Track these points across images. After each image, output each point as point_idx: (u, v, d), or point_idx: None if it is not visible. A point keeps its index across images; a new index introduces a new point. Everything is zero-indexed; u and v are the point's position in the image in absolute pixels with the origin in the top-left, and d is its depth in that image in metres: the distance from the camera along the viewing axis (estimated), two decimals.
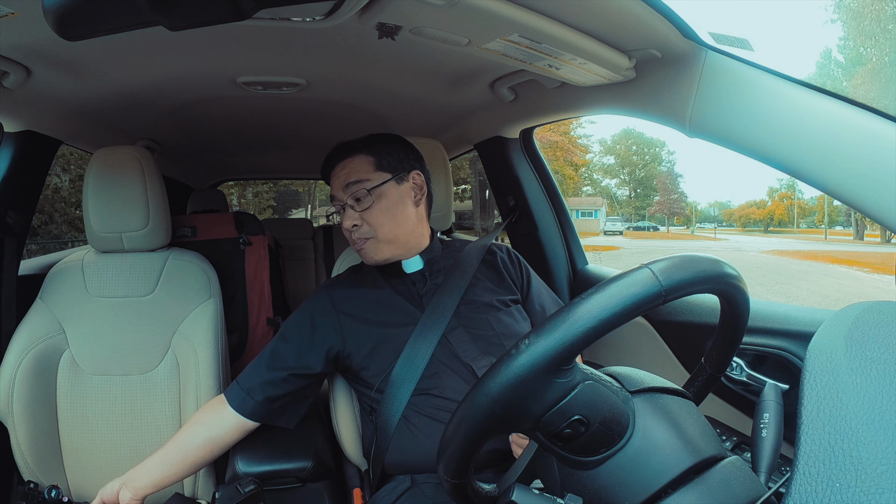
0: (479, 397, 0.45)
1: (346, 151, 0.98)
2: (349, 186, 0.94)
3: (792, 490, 0.36)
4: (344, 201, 0.95)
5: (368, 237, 0.95)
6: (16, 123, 1.14)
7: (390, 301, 0.97)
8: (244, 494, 0.82)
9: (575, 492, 0.48)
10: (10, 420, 1.06)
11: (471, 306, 0.96)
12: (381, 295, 0.98)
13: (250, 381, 0.93)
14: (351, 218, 0.94)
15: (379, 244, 0.95)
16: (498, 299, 0.99)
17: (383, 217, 0.94)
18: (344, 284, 1.02)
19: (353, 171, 0.95)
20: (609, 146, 43.40)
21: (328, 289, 1.01)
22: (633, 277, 0.44)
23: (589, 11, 0.70)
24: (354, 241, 0.97)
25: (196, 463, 0.91)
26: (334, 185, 0.98)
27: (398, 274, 1.00)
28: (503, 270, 1.05)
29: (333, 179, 0.98)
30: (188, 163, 2.21)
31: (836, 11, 23.29)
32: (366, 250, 0.96)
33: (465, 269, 0.99)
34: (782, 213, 39.34)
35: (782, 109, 0.68)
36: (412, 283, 0.99)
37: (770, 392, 0.55)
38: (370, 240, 0.95)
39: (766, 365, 0.85)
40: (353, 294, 0.99)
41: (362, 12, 0.72)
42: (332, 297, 0.99)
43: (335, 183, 0.98)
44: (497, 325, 0.95)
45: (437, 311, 0.93)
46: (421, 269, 1.00)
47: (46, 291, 1.17)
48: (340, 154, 0.98)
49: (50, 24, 0.45)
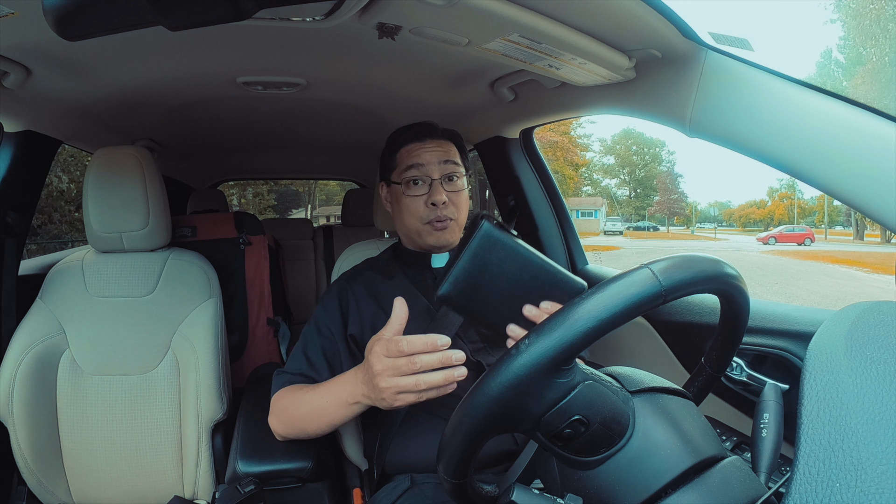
0: (479, 397, 0.45)
1: (441, 133, 0.98)
2: (447, 164, 0.95)
3: (792, 490, 0.36)
4: (433, 176, 0.94)
5: (453, 218, 0.95)
6: (16, 123, 1.14)
7: (408, 294, 0.97)
8: (244, 494, 0.82)
9: (575, 492, 0.48)
10: (10, 420, 1.06)
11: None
12: (399, 287, 0.98)
13: (298, 360, 0.92)
14: (443, 194, 0.93)
15: (457, 229, 0.97)
16: None
17: (464, 205, 0.97)
18: (362, 277, 1.01)
19: (450, 153, 0.96)
20: (609, 146, 43.43)
21: (347, 280, 1.01)
22: (633, 277, 0.44)
23: (589, 11, 0.70)
24: (435, 220, 0.94)
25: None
26: (427, 156, 0.95)
27: (421, 268, 1.00)
28: None
29: (424, 151, 0.95)
30: (188, 163, 2.21)
31: (836, 11, 23.31)
32: (448, 230, 0.95)
33: None
34: (782, 213, 39.33)
35: (782, 109, 0.68)
36: (433, 277, 1.00)
37: (770, 392, 0.54)
38: (453, 221, 0.95)
39: (766, 365, 0.84)
40: (370, 287, 0.99)
41: (362, 12, 0.72)
42: (348, 285, 0.99)
43: (429, 154, 0.95)
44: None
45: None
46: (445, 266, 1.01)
47: (46, 291, 1.17)
48: (437, 132, 0.98)
49: (50, 24, 0.45)
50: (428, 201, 0.94)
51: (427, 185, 0.94)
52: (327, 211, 22.04)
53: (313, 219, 17.89)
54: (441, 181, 0.94)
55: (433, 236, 0.95)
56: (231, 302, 1.52)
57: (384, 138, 1.03)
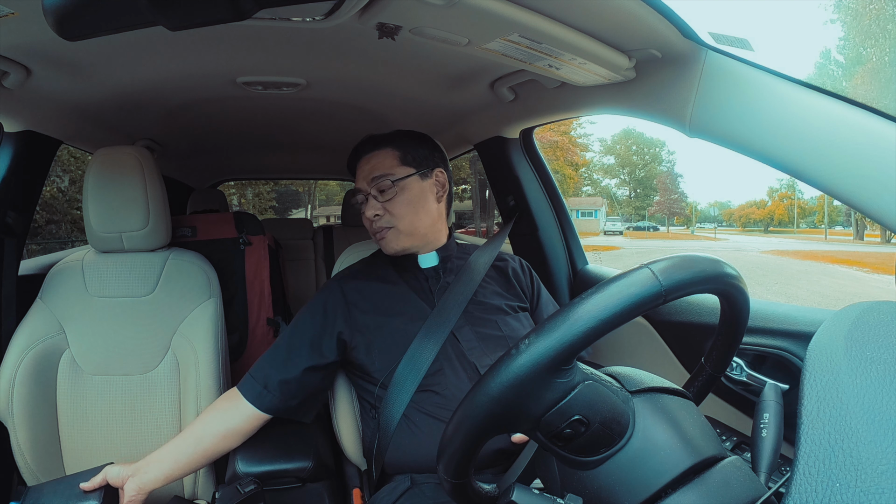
0: (478, 397, 0.45)
1: (373, 144, 1.00)
2: (374, 180, 0.97)
3: (792, 490, 0.36)
4: (367, 192, 0.98)
5: (389, 227, 0.97)
6: (16, 123, 1.14)
7: (401, 295, 0.98)
8: (244, 494, 0.82)
9: (575, 492, 0.48)
10: (10, 420, 1.06)
11: (479, 307, 0.98)
12: (392, 288, 0.99)
13: (266, 374, 0.93)
14: (373, 208, 0.97)
15: (399, 234, 0.97)
16: (507, 304, 1.01)
17: (405, 209, 0.97)
18: (356, 276, 1.02)
19: (378, 166, 0.98)
20: (609, 146, 43.44)
21: (340, 280, 1.02)
22: (632, 277, 0.44)
23: (589, 11, 0.70)
24: (375, 232, 0.99)
25: (210, 454, 0.91)
26: (359, 176, 1.00)
27: (412, 268, 1.01)
28: (513, 279, 1.07)
29: (359, 170, 1.01)
30: (188, 163, 2.21)
31: (836, 11, 23.32)
32: (387, 240, 0.98)
33: (476, 271, 1.00)
34: (782, 213, 39.33)
35: (782, 109, 0.68)
36: (425, 278, 1.01)
37: (770, 392, 0.55)
38: (391, 229, 0.97)
39: (766, 365, 0.85)
40: (364, 286, 1.00)
41: (362, 12, 0.72)
42: (343, 288, 0.99)
43: (360, 174, 1.00)
44: (504, 328, 0.97)
45: (446, 308, 0.94)
46: (435, 266, 1.01)
47: (46, 291, 1.17)
48: (368, 146, 1.00)
49: (50, 24, 0.45)
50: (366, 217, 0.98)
51: (364, 201, 0.99)
52: (327, 211, 22.05)
53: (313, 219, 17.89)
54: (373, 196, 0.97)
55: (380, 245, 1.00)
56: (231, 302, 1.52)
57: None
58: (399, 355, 0.91)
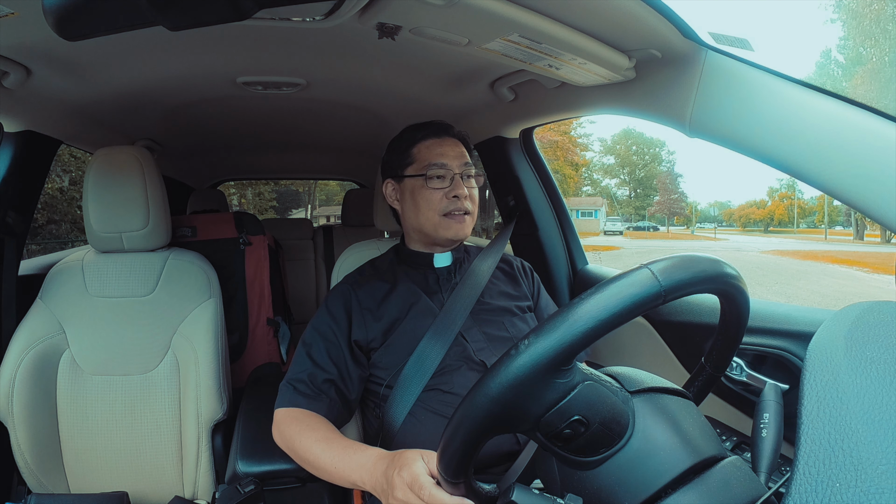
0: (478, 397, 0.45)
1: (457, 133, 1.02)
2: (466, 165, 0.99)
3: (792, 490, 0.36)
4: (457, 173, 0.97)
5: (469, 212, 0.98)
6: (16, 123, 1.14)
7: (411, 295, 0.98)
8: (244, 494, 0.82)
9: (575, 492, 0.48)
10: (10, 420, 1.06)
11: (486, 308, 0.98)
12: (402, 289, 0.99)
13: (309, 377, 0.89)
14: (464, 187, 0.97)
15: (471, 223, 0.99)
16: (516, 305, 1.02)
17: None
18: (364, 278, 1.02)
19: (464, 154, 1.00)
20: (609, 146, 43.44)
21: (349, 283, 1.01)
22: (632, 277, 0.44)
23: (589, 11, 0.70)
24: (454, 212, 0.97)
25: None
26: (450, 153, 0.99)
27: (424, 268, 1.02)
28: (520, 279, 1.08)
29: (446, 147, 0.99)
30: (188, 163, 2.21)
31: (836, 11, 23.31)
32: (465, 224, 0.98)
33: (482, 272, 1.01)
34: (782, 213, 39.33)
35: (782, 109, 0.68)
36: (436, 278, 1.01)
37: (770, 392, 0.55)
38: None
39: (766, 365, 0.85)
40: (373, 288, 0.99)
41: (362, 12, 0.72)
42: (353, 290, 0.99)
43: (451, 151, 0.99)
44: (511, 329, 0.97)
45: (453, 309, 0.94)
46: (448, 266, 1.02)
47: (46, 291, 1.17)
48: (454, 132, 1.02)
49: (50, 24, 0.45)
50: (450, 194, 0.96)
51: (448, 180, 0.97)
52: (327, 211, 22.04)
53: (313, 219, 17.89)
54: (461, 177, 0.97)
55: (451, 230, 0.97)
56: (231, 302, 1.52)
57: (384, 138, 1.03)
58: (406, 355, 0.91)
